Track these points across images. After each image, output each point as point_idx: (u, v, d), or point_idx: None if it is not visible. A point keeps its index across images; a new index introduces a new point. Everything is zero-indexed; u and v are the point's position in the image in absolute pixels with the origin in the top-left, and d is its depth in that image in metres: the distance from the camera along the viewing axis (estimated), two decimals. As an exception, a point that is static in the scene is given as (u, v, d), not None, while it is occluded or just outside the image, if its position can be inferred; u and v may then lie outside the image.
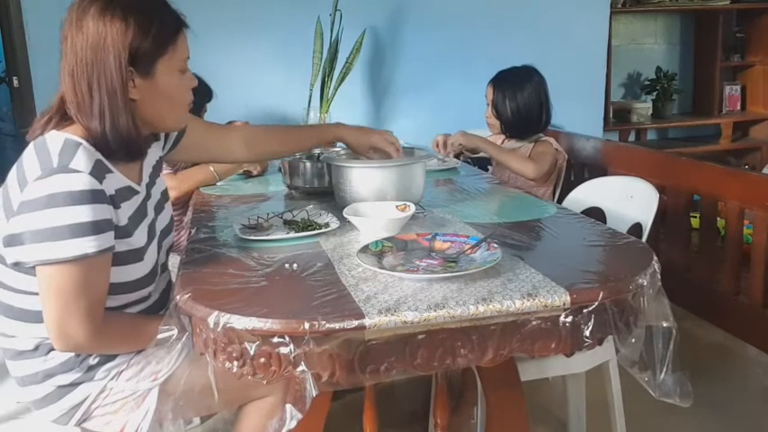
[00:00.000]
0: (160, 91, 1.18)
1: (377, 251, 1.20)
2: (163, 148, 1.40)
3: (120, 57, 1.11)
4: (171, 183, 1.97)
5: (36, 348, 1.19)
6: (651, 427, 1.95)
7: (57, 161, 1.08)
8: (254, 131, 1.60)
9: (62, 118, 1.15)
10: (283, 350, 0.96)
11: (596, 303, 1.02)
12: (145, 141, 1.25)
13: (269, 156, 1.72)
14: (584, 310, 1.03)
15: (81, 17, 1.11)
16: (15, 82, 2.88)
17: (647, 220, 1.74)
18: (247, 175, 2.10)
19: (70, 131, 1.14)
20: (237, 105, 2.93)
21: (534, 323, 1.02)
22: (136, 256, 1.19)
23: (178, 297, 1.06)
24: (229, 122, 2.38)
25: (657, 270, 1.14)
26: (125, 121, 1.14)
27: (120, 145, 1.15)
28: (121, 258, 1.16)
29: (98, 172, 1.11)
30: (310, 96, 2.85)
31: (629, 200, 1.85)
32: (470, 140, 2.31)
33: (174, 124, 1.30)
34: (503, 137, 2.41)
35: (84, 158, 1.10)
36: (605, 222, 1.74)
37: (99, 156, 1.13)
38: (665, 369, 1.14)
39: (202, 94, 2.22)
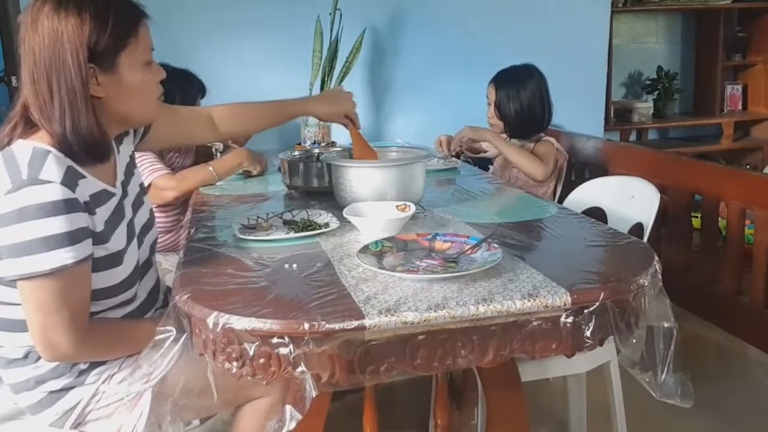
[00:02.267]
0: (126, 86, 1.15)
1: (377, 251, 1.20)
2: (133, 140, 1.38)
3: (78, 54, 1.08)
4: (170, 183, 1.97)
5: (26, 356, 1.19)
6: (652, 427, 1.95)
7: (26, 172, 1.06)
8: (220, 111, 1.58)
9: (27, 124, 1.13)
10: (283, 351, 0.95)
11: (597, 304, 1.02)
12: (115, 140, 1.23)
13: (237, 135, 1.71)
14: (585, 311, 1.02)
15: (36, 18, 1.09)
16: (14, 82, 2.87)
17: (648, 220, 1.73)
18: (247, 175, 2.10)
19: (37, 139, 1.11)
20: (237, 105, 2.92)
21: (535, 324, 1.02)
22: (114, 260, 1.17)
23: (177, 297, 1.06)
24: None
25: (658, 270, 1.14)
26: (86, 121, 1.10)
27: (83, 147, 1.11)
28: (100, 264, 1.14)
29: (70, 180, 1.08)
30: (310, 95, 2.85)
31: (629, 200, 1.85)
32: (479, 134, 2.30)
33: (143, 118, 1.26)
34: (504, 136, 2.40)
35: (54, 167, 1.07)
36: (606, 222, 1.73)
37: (69, 162, 1.11)
38: (666, 370, 1.14)
39: (195, 89, 2.21)
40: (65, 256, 1.05)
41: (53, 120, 1.09)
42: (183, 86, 2.14)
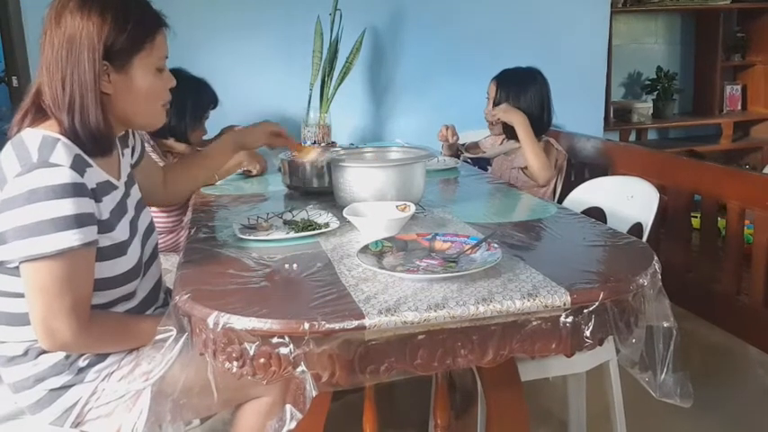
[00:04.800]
0: (135, 87, 1.20)
1: (377, 251, 1.20)
2: (132, 156, 1.41)
3: (94, 51, 1.13)
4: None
5: (26, 353, 1.19)
6: (652, 427, 1.95)
7: (36, 156, 1.08)
8: (170, 169, 1.62)
9: (37, 112, 1.16)
10: (283, 350, 0.95)
11: (597, 303, 1.02)
12: (120, 142, 1.26)
13: (184, 191, 1.71)
14: (585, 311, 1.02)
15: (60, 12, 1.13)
16: (15, 82, 2.88)
17: (648, 220, 1.74)
18: (247, 175, 2.10)
19: (46, 128, 1.14)
20: (237, 105, 2.92)
21: (535, 323, 1.02)
22: (119, 250, 1.19)
23: (177, 297, 1.06)
24: (229, 127, 2.38)
25: (658, 270, 1.14)
26: (95, 115, 1.14)
27: (89, 138, 1.15)
28: (105, 253, 1.16)
29: (78, 166, 1.11)
30: (310, 96, 2.85)
31: (629, 200, 1.85)
32: (509, 115, 2.22)
33: (146, 121, 1.29)
34: (502, 136, 2.40)
35: (63, 153, 1.10)
36: (605, 222, 1.73)
37: (78, 150, 1.14)
38: (665, 369, 1.14)
39: (207, 99, 2.21)
40: (72, 238, 1.06)
41: (62, 110, 1.13)
42: (196, 95, 2.15)
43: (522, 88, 2.28)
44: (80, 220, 1.08)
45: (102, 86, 1.15)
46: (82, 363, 1.21)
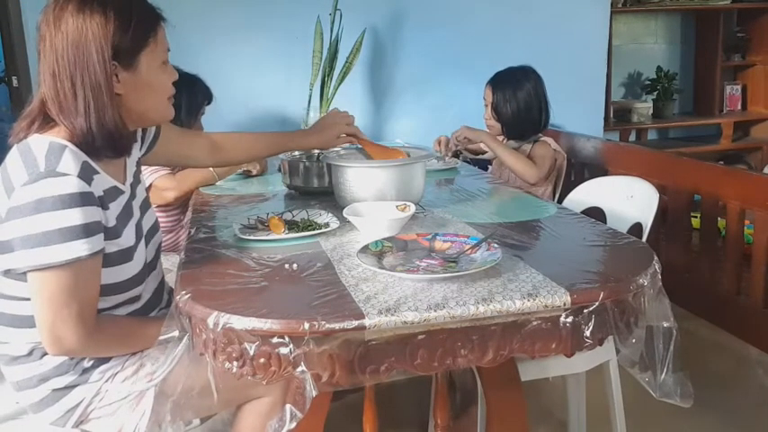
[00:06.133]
0: (144, 84, 1.18)
1: (377, 251, 1.20)
2: (140, 148, 1.39)
3: (102, 51, 1.10)
4: (170, 183, 1.97)
5: (30, 353, 1.19)
6: (652, 427, 1.95)
7: (44, 165, 1.07)
8: (219, 138, 1.60)
9: (44, 120, 1.15)
10: (283, 350, 0.96)
11: (597, 303, 1.02)
12: (131, 137, 1.25)
13: (231, 162, 1.71)
14: (585, 311, 1.03)
15: (59, 15, 1.10)
16: (15, 82, 2.88)
17: (648, 220, 1.74)
18: (247, 175, 2.10)
19: (53, 134, 1.13)
20: (237, 105, 2.93)
21: (535, 323, 1.02)
22: (125, 256, 1.19)
23: (178, 297, 1.06)
24: None
25: (658, 270, 1.14)
26: (111, 115, 1.13)
27: (107, 141, 1.14)
28: (111, 259, 1.16)
29: (86, 174, 1.10)
30: (310, 96, 2.85)
31: (629, 200, 1.85)
32: (476, 135, 2.29)
33: (158, 117, 1.28)
34: (502, 138, 2.40)
35: (71, 161, 1.09)
36: (605, 222, 1.73)
37: (85, 157, 1.13)
38: (665, 369, 1.14)
39: (202, 95, 2.21)
40: (80, 248, 1.06)
41: (76, 115, 1.11)
42: (190, 91, 2.14)
43: (517, 87, 2.29)
44: (88, 230, 1.07)
45: (113, 87, 1.14)
46: (87, 363, 1.21)
